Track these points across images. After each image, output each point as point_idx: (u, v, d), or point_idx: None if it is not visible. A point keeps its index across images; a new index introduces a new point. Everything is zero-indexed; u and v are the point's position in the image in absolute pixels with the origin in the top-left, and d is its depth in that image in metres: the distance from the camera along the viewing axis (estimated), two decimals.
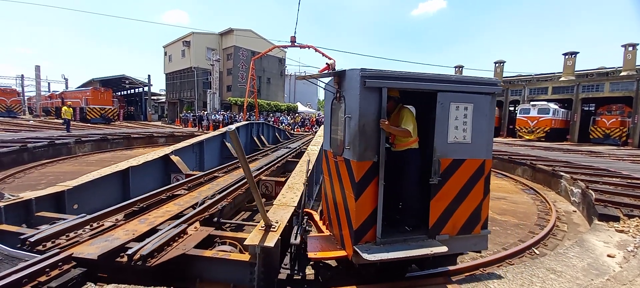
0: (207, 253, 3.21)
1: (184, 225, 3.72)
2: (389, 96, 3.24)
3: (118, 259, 3.11)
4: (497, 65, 38.74)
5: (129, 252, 3.02)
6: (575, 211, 7.67)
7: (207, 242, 3.59)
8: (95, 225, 3.78)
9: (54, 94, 39.24)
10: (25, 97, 38.73)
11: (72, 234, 3.51)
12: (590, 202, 6.59)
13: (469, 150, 3.38)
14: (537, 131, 28.41)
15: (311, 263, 3.84)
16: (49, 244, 3.27)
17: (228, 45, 42.44)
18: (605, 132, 26.71)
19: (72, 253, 3.00)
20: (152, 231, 3.67)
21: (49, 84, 47.94)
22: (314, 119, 32.06)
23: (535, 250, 5.25)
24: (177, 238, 3.46)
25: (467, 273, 4.23)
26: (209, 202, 4.74)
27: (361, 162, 3.11)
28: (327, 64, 16.93)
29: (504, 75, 39.28)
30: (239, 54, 41.73)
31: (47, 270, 2.80)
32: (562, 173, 9.45)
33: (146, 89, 45.67)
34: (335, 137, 3.78)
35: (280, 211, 3.95)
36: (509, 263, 4.69)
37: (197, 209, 4.39)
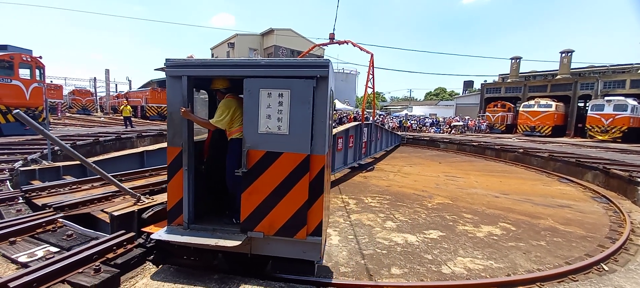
0: (101, 215, 4.42)
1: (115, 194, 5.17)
2: (214, 88, 3.44)
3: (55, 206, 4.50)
4: (563, 55, 34.77)
5: (55, 205, 4.50)
6: None
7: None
8: (74, 187, 5.70)
9: (120, 93, 43.69)
10: (97, 97, 43.54)
11: (53, 190, 5.41)
12: None
13: (287, 143, 2.97)
14: (612, 131, 25.04)
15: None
16: (33, 194, 5.12)
17: (269, 44, 43.72)
18: None
19: (47, 202, 4.65)
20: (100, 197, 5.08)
21: (116, 85, 53.43)
22: (352, 117, 31.72)
23: (604, 266, 4.62)
24: (97, 201, 4.93)
25: None
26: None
27: (170, 147, 3.27)
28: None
29: (572, 67, 35.21)
30: (279, 53, 42.77)
31: (114, 248, 3.18)
32: None
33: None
34: None
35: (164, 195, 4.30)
36: (572, 279, 4.18)
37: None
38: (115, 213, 4.02)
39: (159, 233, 3.26)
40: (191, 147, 3.28)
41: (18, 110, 3.64)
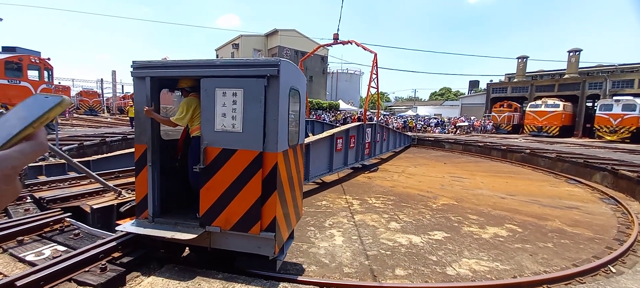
0: (88, 208, 4.58)
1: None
2: (180, 87, 3.59)
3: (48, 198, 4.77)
4: (571, 54, 34.27)
5: (48, 198, 4.73)
6: None
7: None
8: (73, 182, 5.96)
9: (126, 94, 44.11)
10: (104, 98, 44.04)
11: (54, 185, 5.64)
12: None
13: (241, 141, 3.05)
14: (621, 131, 24.65)
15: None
16: (35, 188, 5.36)
17: (273, 45, 43.86)
18: None
19: (43, 196, 4.83)
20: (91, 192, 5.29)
21: (122, 86, 54.04)
22: (356, 117, 31.66)
23: (612, 268, 4.55)
24: (87, 196, 5.09)
25: None
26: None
27: (137, 144, 3.44)
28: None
29: (580, 66, 34.74)
30: (283, 54, 42.87)
31: (120, 247, 3.22)
32: None
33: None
34: None
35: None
36: (579, 281, 4.12)
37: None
38: (95, 207, 4.32)
39: (124, 225, 3.42)
40: (156, 144, 3.47)
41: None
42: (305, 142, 8.20)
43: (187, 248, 3.87)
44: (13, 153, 0.50)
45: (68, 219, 4.00)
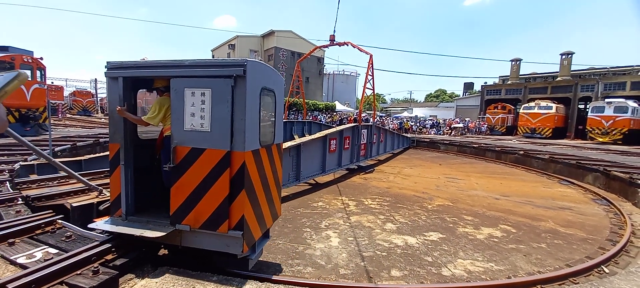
0: (67, 205, 4.59)
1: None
2: (155, 87, 3.68)
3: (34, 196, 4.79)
4: (563, 57, 34.70)
5: (34, 196, 4.75)
6: None
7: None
8: (62, 181, 5.80)
9: None
10: (98, 98, 43.60)
11: (43, 183, 5.62)
12: None
13: (209, 140, 3.10)
14: (613, 133, 25.02)
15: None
16: (24, 186, 5.37)
17: (269, 46, 43.84)
18: None
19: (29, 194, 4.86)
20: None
21: None
22: (352, 118, 31.73)
23: (605, 268, 4.60)
24: (73, 194, 5.08)
25: None
26: None
27: (111, 143, 3.54)
28: None
29: (572, 69, 35.19)
30: (279, 55, 42.88)
31: (113, 249, 3.18)
32: None
33: None
34: None
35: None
36: (572, 281, 4.16)
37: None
38: (75, 205, 4.36)
39: (98, 223, 3.47)
40: (129, 143, 3.54)
41: None
42: (296, 143, 8.23)
43: (163, 247, 3.86)
44: None
45: (60, 221, 3.94)
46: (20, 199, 4.82)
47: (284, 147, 7.71)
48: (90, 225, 3.49)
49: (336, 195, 8.35)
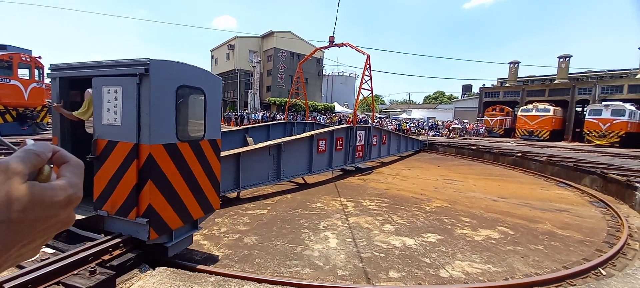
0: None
1: None
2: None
3: None
4: (561, 60, 34.88)
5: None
6: None
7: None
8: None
9: None
10: None
11: None
12: None
13: (121, 133, 3.38)
14: (610, 135, 25.13)
15: None
16: None
17: (268, 47, 43.90)
18: None
19: None
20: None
21: None
22: (350, 119, 31.79)
23: (602, 271, 4.62)
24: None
25: None
26: None
27: (54, 136, 4.18)
28: None
29: (570, 72, 35.37)
30: (278, 55, 42.93)
31: (110, 249, 3.16)
32: (637, 185, 8.23)
33: None
34: None
35: None
36: (570, 283, 4.18)
37: None
38: None
39: None
40: (67, 136, 4.17)
41: None
42: (276, 143, 8.25)
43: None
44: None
45: None
46: None
47: (261, 146, 7.79)
48: None
49: (334, 196, 8.35)
